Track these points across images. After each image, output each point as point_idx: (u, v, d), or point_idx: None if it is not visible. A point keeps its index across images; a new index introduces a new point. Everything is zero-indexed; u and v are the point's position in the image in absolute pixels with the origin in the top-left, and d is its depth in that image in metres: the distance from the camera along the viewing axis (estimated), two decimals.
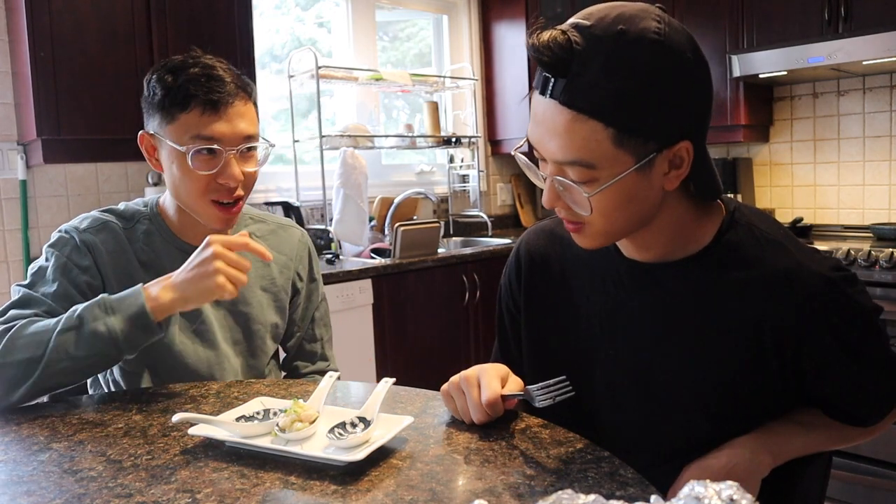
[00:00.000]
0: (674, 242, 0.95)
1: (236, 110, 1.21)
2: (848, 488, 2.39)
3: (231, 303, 1.32)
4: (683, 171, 0.87)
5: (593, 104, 0.81)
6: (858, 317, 0.92)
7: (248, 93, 1.25)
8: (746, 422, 0.94)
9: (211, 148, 1.19)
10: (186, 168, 1.20)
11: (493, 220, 3.73)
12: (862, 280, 0.95)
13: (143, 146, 1.27)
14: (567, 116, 0.82)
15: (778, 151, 3.22)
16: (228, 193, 1.23)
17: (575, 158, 0.84)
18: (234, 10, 2.57)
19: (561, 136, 0.83)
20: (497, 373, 0.97)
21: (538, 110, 0.86)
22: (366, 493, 0.76)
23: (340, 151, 2.97)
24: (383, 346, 2.66)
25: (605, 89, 0.80)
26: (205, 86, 1.18)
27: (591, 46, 0.80)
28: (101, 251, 1.24)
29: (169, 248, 1.30)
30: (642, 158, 0.84)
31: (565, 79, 0.81)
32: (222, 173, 1.20)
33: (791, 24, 2.75)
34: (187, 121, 1.18)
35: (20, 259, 2.48)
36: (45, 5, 2.19)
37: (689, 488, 0.51)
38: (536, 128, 0.87)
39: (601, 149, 0.82)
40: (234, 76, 1.23)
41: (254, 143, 1.25)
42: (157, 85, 1.21)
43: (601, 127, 0.81)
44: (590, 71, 0.80)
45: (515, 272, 1.13)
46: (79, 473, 0.84)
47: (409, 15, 3.76)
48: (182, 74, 1.19)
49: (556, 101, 0.83)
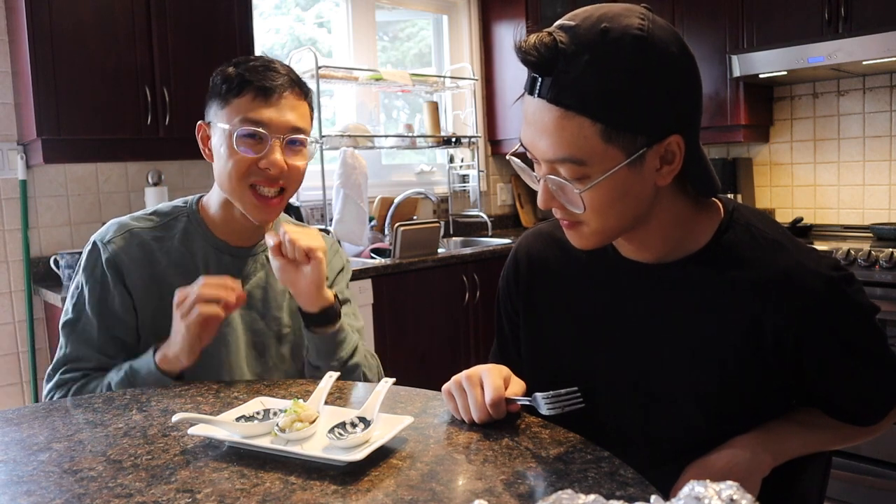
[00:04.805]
0: (672, 242, 0.95)
1: (287, 101, 1.24)
2: (848, 488, 2.39)
3: (261, 306, 1.32)
4: (675, 166, 0.88)
5: (580, 100, 0.82)
6: (857, 316, 0.92)
7: (303, 90, 1.28)
8: (747, 421, 0.94)
9: (257, 132, 1.21)
10: (232, 150, 1.22)
11: (493, 220, 3.73)
12: (862, 280, 0.95)
13: (199, 135, 1.31)
14: (555, 114, 0.83)
15: (778, 151, 3.22)
16: (269, 181, 1.23)
17: (565, 155, 0.84)
18: (234, 10, 2.57)
19: (550, 135, 0.84)
20: (500, 374, 0.97)
21: (528, 111, 0.87)
22: (366, 493, 0.76)
23: (340, 151, 2.97)
24: (383, 346, 2.66)
25: (591, 85, 0.81)
26: (261, 73, 1.23)
27: (576, 45, 0.82)
28: (126, 263, 1.26)
29: (205, 245, 1.31)
30: (632, 154, 0.84)
31: (551, 77, 0.83)
32: (266, 158, 1.22)
33: (791, 24, 2.75)
34: (239, 104, 1.22)
35: (20, 259, 2.48)
36: (45, 5, 2.19)
37: (689, 488, 0.51)
38: (528, 129, 0.88)
39: (590, 145, 0.83)
40: (290, 72, 1.27)
41: (301, 136, 1.26)
42: (219, 76, 1.25)
43: (589, 123, 0.82)
44: (575, 68, 0.81)
45: (514, 275, 1.13)
46: (79, 473, 0.84)
47: (409, 15, 3.76)
48: (242, 66, 1.24)
49: (544, 99, 0.84)
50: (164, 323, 1.24)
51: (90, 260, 1.27)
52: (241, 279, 1.30)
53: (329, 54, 3.40)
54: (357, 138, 3.06)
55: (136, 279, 1.26)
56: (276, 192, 1.25)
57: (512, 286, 1.14)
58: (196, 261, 1.29)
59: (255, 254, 1.34)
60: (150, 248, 1.28)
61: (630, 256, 0.99)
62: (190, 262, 1.29)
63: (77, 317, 1.26)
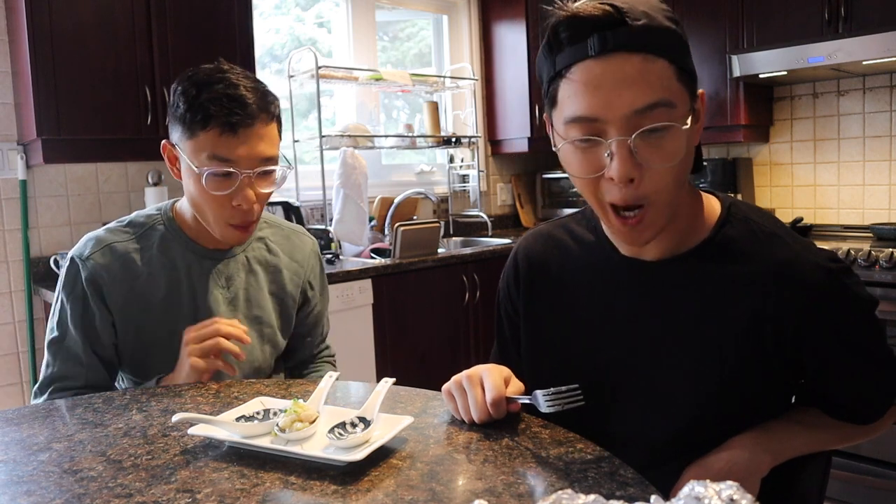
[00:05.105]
0: (671, 237, 0.96)
1: (256, 132, 1.19)
2: (848, 488, 2.39)
3: (245, 308, 1.35)
4: (701, 125, 0.90)
5: (657, 43, 0.84)
6: (857, 308, 0.92)
7: (270, 112, 1.22)
8: (747, 420, 0.94)
9: (226, 171, 1.18)
10: (202, 188, 1.20)
11: (493, 220, 3.73)
12: (862, 280, 0.95)
13: (166, 155, 1.28)
14: (637, 59, 0.83)
15: (778, 151, 3.22)
16: (242, 216, 1.23)
17: (658, 99, 0.83)
18: (234, 10, 2.57)
19: (637, 82, 0.83)
20: (500, 373, 0.97)
21: (594, 74, 0.84)
22: (366, 493, 0.76)
23: (340, 151, 2.97)
24: (383, 346, 2.66)
25: (661, 30, 0.84)
26: (226, 107, 1.16)
27: (626, 2, 0.85)
28: (107, 280, 1.26)
29: (185, 252, 1.31)
30: (693, 101, 0.87)
31: (624, 27, 0.83)
32: (237, 195, 1.20)
33: (791, 24, 2.75)
34: (206, 139, 1.18)
35: (20, 259, 2.48)
36: (45, 5, 2.19)
37: (689, 488, 0.51)
38: (597, 93, 0.83)
39: (674, 87, 0.85)
40: (257, 96, 1.20)
41: (272, 167, 1.23)
42: (181, 98, 1.20)
43: (667, 64, 0.84)
44: (641, 18, 0.84)
45: (514, 277, 1.13)
46: (79, 473, 0.84)
47: (409, 15, 3.76)
48: (205, 91, 1.17)
49: (621, 51, 0.83)
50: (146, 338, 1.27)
51: (69, 277, 1.27)
52: (225, 282, 1.32)
53: (329, 54, 3.41)
54: (357, 138, 3.06)
55: (116, 296, 1.26)
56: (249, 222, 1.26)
57: (512, 287, 1.14)
58: (178, 268, 1.30)
59: (234, 255, 1.36)
60: (130, 262, 1.28)
61: (629, 254, 0.99)
62: (172, 271, 1.29)
63: (62, 335, 1.27)
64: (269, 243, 1.41)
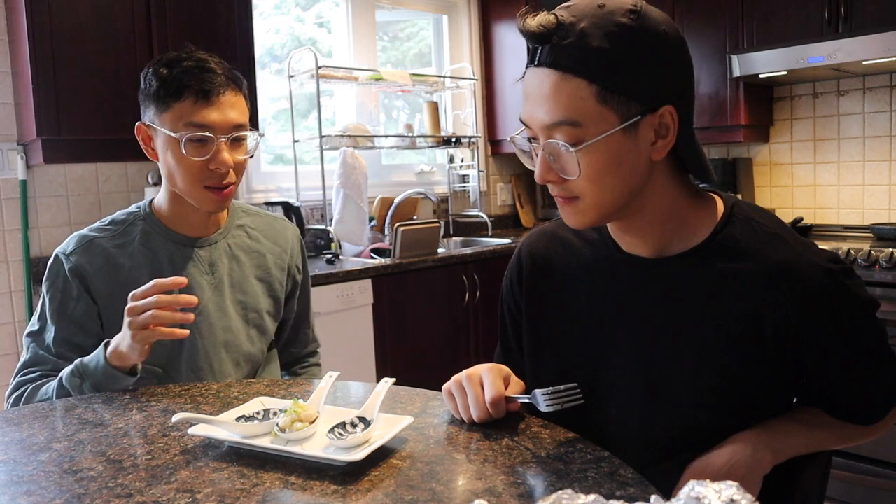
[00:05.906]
0: (671, 234, 0.96)
1: (227, 100, 1.27)
2: (848, 488, 2.39)
3: (231, 293, 1.38)
4: (670, 140, 0.90)
5: (576, 62, 0.86)
6: (858, 308, 0.92)
7: (238, 85, 1.32)
8: (748, 417, 0.94)
9: (203, 136, 1.25)
10: (180, 155, 1.26)
11: (493, 220, 3.73)
12: (863, 282, 0.95)
13: (140, 136, 1.33)
14: (554, 78, 0.87)
15: (778, 151, 3.22)
16: (220, 179, 1.29)
17: (562, 118, 0.87)
18: (234, 10, 2.57)
19: (548, 100, 0.88)
20: (500, 373, 0.97)
21: (528, 84, 0.91)
22: (366, 493, 0.76)
23: (340, 151, 2.97)
24: (383, 346, 2.66)
25: (587, 49, 0.86)
26: (198, 77, 1.25)
27: (574, 15, 0.88)
28: (89, 272, 1.30)
29: (166, 242, 1.35)
30: (627, 119, 0.87)
31: (550, 45, 0.87)
32: (214, 159, 1.26)
33: (791, 24, 2.75)
34: (181, 109, 1.25)
35: (20, 259, 2.48)
36: (45, 5, 2.19)
37: (689, 488, 0.51)
38: (527, 103, 0.91)
39: (586, 106, 0.86)
40: (225, 69, 1.30)
41: (244, 133, 1.30)
42: (153, 77, 1.27)
43: (585, 84, 0.86)
44: (572, 36, 0.86)
45: (517, 274, 1.14)
46: (79, 473, 0.84)
47: (409, 15, 3.76)
48: (177, 67, 1.26)
49: (544, 66, 0.88)
50: None
51: (52, 271, 1.31)
52: (209, 268, 1.36)
53: (329, 54, 3.40)
54: (357, 138, 3.06)
55: (101, 287, 1.29)
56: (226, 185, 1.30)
57: (515, 285, 1.14)
58: (160, 258, 1.33)
59: (214, 242, 1.39)
60: (112, 255, 1.32)
61: (631, 251, 0.99)
62: (154, 261, 1.33)
63: (42, 327, 1.30)
64: (250, 230, 1.45)
